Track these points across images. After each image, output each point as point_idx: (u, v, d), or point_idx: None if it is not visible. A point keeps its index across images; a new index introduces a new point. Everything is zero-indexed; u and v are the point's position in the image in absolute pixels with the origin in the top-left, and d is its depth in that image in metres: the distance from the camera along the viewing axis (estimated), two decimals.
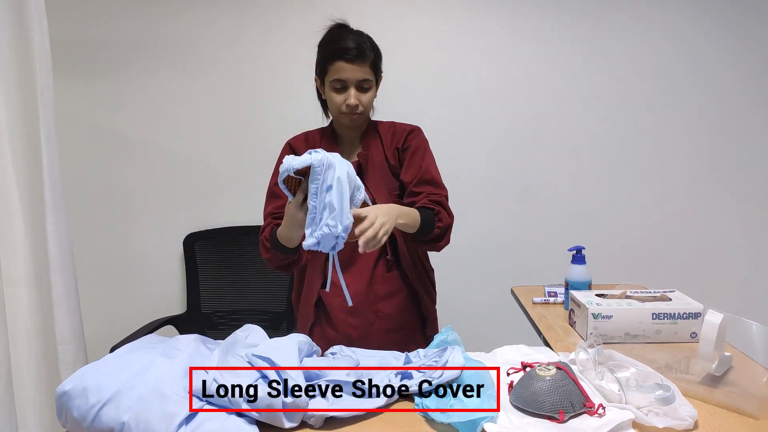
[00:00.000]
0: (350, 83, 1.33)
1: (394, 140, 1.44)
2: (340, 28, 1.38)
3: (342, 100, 1.34)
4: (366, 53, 1.32)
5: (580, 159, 2.38)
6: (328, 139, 1.45)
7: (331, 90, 1.35)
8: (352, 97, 1.32)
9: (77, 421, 0.90)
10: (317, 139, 1.46)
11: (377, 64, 1.37)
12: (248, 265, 2.33)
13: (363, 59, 1.32)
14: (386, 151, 1.43)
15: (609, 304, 1.32)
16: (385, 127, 1.46)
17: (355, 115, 1.36)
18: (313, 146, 1.42)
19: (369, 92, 1.36)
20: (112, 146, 2.31)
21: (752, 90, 2.35)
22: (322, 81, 1.39)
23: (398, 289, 1.42)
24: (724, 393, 1.01)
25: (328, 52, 1.34)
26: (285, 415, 0.89)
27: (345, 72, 1.31)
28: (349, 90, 1.33)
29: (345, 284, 1.19)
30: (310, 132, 1.50)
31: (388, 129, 1.46)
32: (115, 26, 2.23)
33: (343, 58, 1.31)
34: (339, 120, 1.40)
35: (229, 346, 1.04)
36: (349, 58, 1.30)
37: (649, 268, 2.35)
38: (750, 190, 2.40)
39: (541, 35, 2.31)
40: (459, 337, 1.17)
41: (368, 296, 1.38)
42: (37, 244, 1.45)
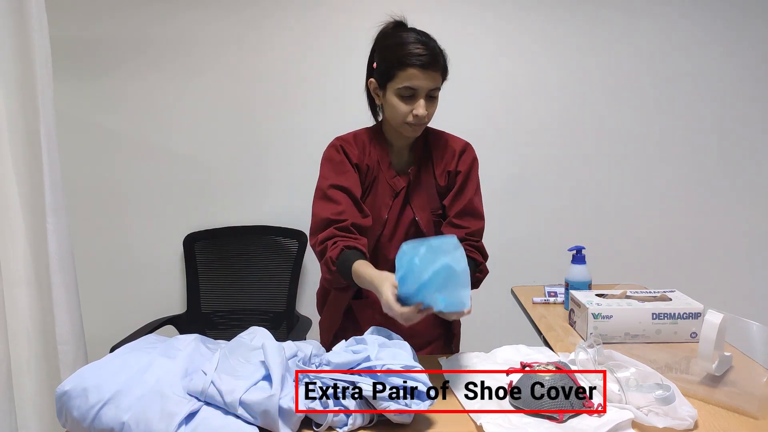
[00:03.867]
0: (421, 92, 1.23)
1: (445, 160, 1.38)
2: (407, 29, 1.29)
3: (408, 110, 1.24)
4: (439, 60, 1.24)
5: (581, 159, 2.38)
6: (378, 142, 1.37)
7: (396, 97, 1.24)
8: (422, 107, 1.23)
9: (77, 421, 0.90)
10: (366, 141, 1.37)
11: (446, 71, 1.28)
12: (248, 265, 2.33)
13: (436, 66, 1.23)
14: (435, 170, 1.38)
15: (609, 304, 1.32)
16: (438, 141, 1.40)
17: (418, 126, 1.28)
18: (362, 149, 1.35)
19: (435, 101, 1.28)
20: (112, 146, 2.31)
21: (753, 90, 2.35)
22: (382, 85, 1.28)
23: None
24: (724, 393, 1.01)
25: (398, 57, 1.22)
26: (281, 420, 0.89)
27: (417, 80, 1.21)
28: (418, 99, 1.24)
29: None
30: (358, 132, 1.40)
31: (440, 144, 1.39)
32: (115, 26, 2.23)
33: (416, 65, 1.20)
34: (400, 129, 1.29)
35: (233, 349, 1.03)
36: (423, 65, 1.20)
37: (649, 268, 2.35)
38: (750, 190, 2.40)
39: (540, 35, 2.31)
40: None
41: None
42: (37, 244, 1.45)
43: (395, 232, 1.38)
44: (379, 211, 1.35)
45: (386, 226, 1.36)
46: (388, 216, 1.36)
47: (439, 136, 1.42)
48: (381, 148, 1.37)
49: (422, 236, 1.36)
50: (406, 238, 1.36)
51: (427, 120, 1.28)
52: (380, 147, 1.37)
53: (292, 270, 2.29)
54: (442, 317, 1.07)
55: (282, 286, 2.30)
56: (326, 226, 1.26)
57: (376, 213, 1.34)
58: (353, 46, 2.25)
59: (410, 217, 1.37)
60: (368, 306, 1.38)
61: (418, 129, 1.29)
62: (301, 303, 2.37)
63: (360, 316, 1.40)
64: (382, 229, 1.36)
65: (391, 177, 1.37)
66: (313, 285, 2.40)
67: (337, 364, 0.96)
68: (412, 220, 1.37)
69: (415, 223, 1.37)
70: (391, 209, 1.36)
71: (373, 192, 1.36)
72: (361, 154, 1.34)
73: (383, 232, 1.37)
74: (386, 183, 1.36)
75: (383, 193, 1.36)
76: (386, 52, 1.26)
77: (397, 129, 1.30)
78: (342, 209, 1.26)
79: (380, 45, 1.30)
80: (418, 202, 1.36)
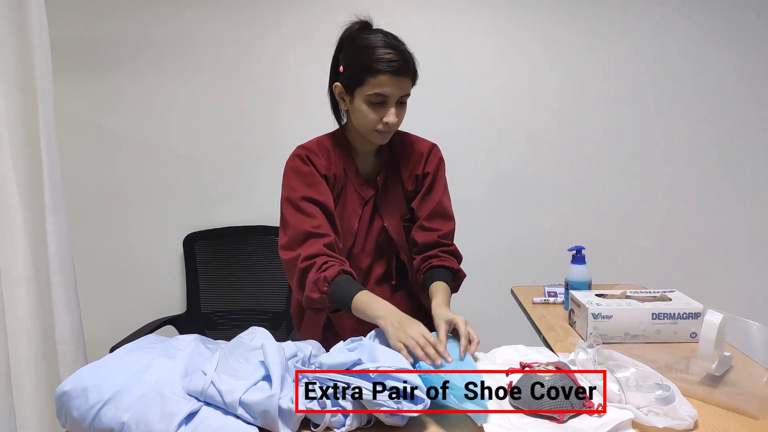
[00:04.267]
0: (392, 99, 1.18)
1: (411, 163, 1.35)
2: (375, 30, 1.23)
3: (378, 118, 1.19)
4: (410, 65, 1.19)
5: (580, 159, 2.38)
6: (342, 149, 1.32)
7: (365, 103, 1.19)
8: (393, 114, 1.19)
9: (77, 421, 0.90)
10: (330, 149, 1.31)
11: (416, 76, 1.23)
12: (248, 265, 2.33)
13: (407, 72, 1.18)
14: (403, 174, 1.35)
15: (609, 304, 1.32)
16: (404, 145, 1.36)
17: (387, 133, 1.23)
18: (327, 157, 1.30)
19: (405, 107, 1.23)
20: (112, 146, 2.31)
21: (754, 90, 2.35)
22: (350, 91, 1.22)
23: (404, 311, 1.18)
24: (724, 393, 1.01)
25: (367, 62, 1.16)
26: (281, 420, 0.89)
27: (388, 86, 1.16)
28: (388, 106, 1.18)
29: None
30: (321, 140, 1.34)
31: (406, 148, 1.36)
32: (115, 26, 2.23)
33: (387, 72, 1.14)
34: (368, 136, 1.25)
35: (232, 349, 1.03)
36: (394, 72, 1.15)
37: (649, 268, 2.36)
38: (750, 190, 2.40)
39: (541, 34, 2.31)
40: None
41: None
42: (37, 245, 1.45)
43: (366, 242, 1.34)
44: (349, 220, 1.31)
45: (357, 235, 1.32)
46: (358, 226, 1.32)
47: (405, 139, 1.37)
48: (346, 155, 1.31)
49: (392, 244, 1.35)
50: (377, 247, 1.35)
51: (396, 127, 1.24)
52: (345, 154, 1.31)
53: None
54: None
55: (282, 286, 2.30)
56: (306, 239, 1.19)
57: (346, 223, 1.31)
58: None
59: (379, 224, 1.34)
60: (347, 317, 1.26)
61: (387, 136, 1.24)
62: None
63: (340, 328, 1.35)
64: (354, 239, 1.32)
65: (360, 185, 1.33)
66: None
67: (330, 365, 0.96)
68: (382, 227, 1.34)
69: (385, 230, 1.34)
70: (361, 219, 1.32)
71: (341, 202, 1.32)
72: (327, 164, 1.29)
73: (355, 242, 1.32)
74: (355, 191, 1.32)
75: (352, 202, 1.32)
76: (354, 56, 1.20)
77: (365, 136, 1.25)
78: (319, 223, 1.20)
79: (347, 47, 1.23)
80: (387, 209, 1.33)
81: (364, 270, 1.35)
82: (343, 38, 1.26)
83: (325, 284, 1.14)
